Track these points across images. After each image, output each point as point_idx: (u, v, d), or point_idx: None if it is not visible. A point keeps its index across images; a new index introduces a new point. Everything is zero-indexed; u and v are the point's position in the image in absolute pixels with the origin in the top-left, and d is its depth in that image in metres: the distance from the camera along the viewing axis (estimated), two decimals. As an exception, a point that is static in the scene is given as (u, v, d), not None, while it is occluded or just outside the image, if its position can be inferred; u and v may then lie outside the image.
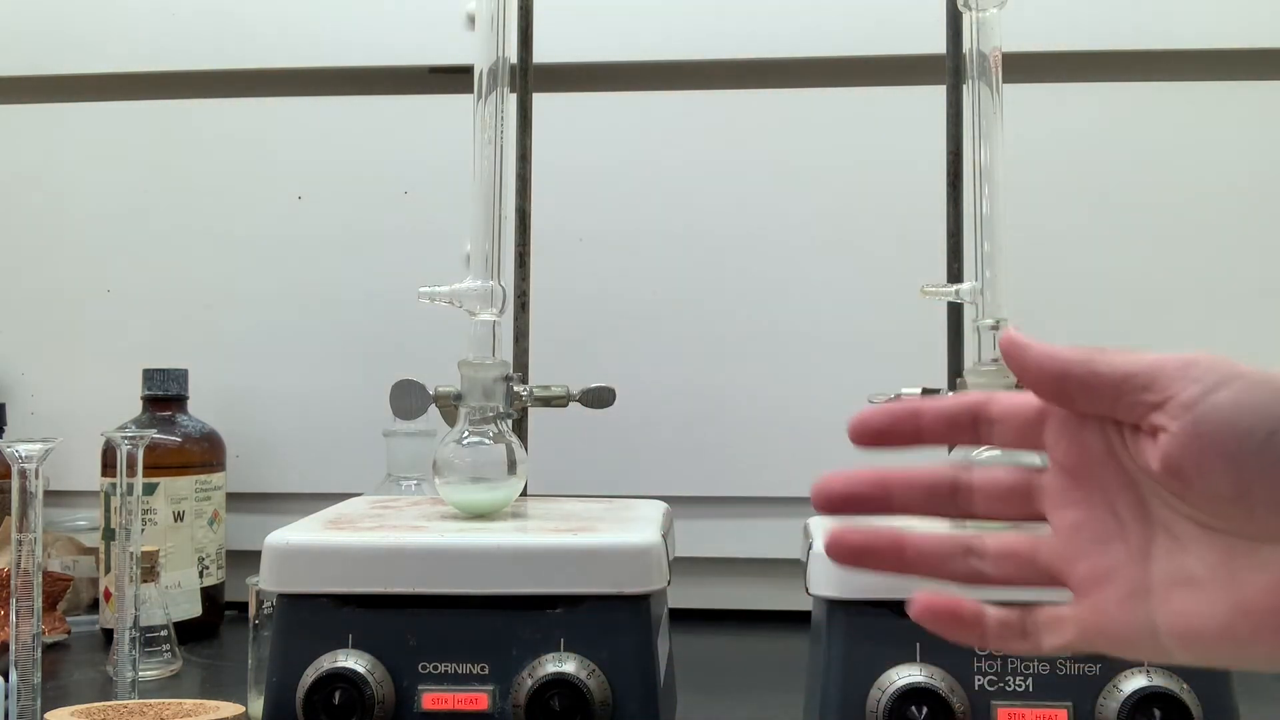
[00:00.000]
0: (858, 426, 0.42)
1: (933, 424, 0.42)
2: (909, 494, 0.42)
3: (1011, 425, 0.41)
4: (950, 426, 0.42)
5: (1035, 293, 0.94)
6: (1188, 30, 0.98)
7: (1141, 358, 0.38)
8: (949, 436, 0.42)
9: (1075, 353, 0.39)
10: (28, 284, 1.07)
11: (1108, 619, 0.38)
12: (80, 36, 1.07)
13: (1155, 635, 0.37)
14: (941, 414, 0.42)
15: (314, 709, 0.53)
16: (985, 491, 0.42)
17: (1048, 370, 0.39)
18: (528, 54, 0.75)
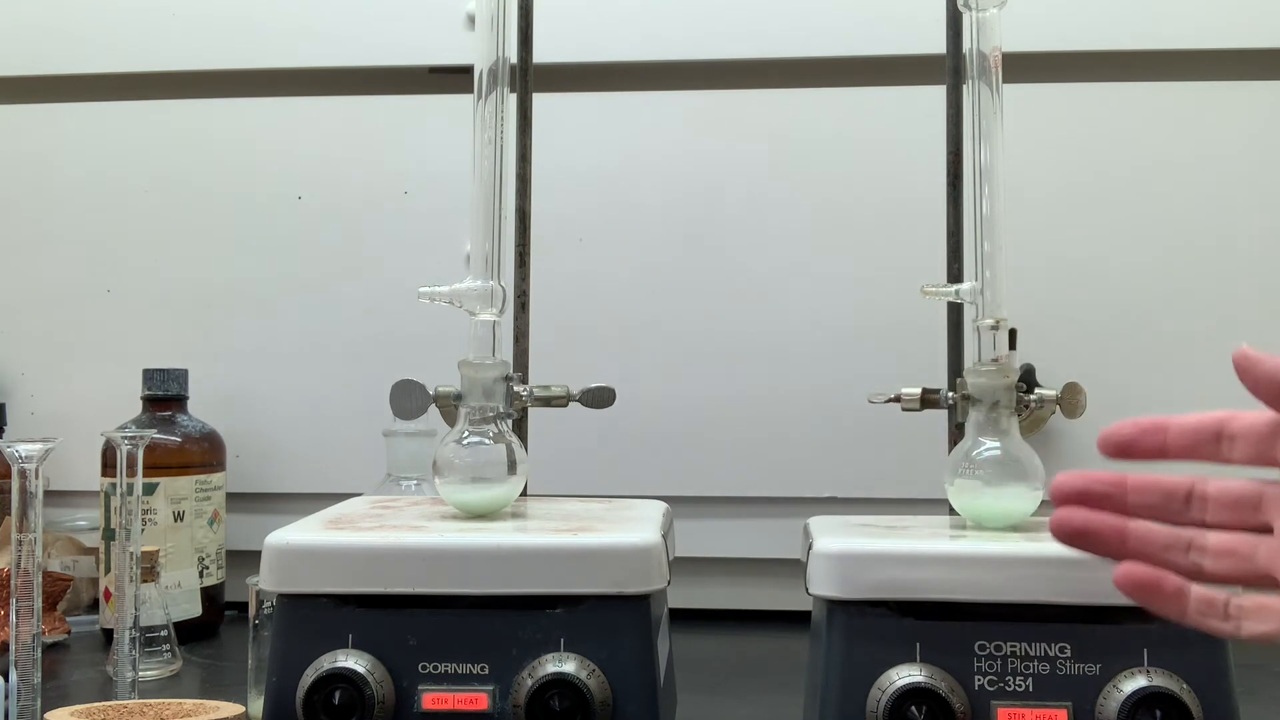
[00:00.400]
0: (1107, 439, 0.44)
1: (1178, 438, 0.44)
2: (1145, 496, 0.44)
3: (1250, 440, 0.43)
4: (1195, 441, 0.44)
5: (1035, 293, 0.94)
6: (1188, 30, 0.98)
7: None
8: (1192, 451, 0.44)
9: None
10: (28, 284, 1.07)
11: None
12: (80, 36, 1.07)
13: None
14: (1187, 428, 0.44)
15: (314, 709, 0.53)
16: (1218, 500, 0.44)
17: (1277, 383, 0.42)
18: (528, 54, 0.75)
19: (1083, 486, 0.44)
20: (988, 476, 0.60)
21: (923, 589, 0.53)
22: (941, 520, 0.65)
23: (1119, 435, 0.44)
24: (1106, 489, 0.44)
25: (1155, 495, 0.44)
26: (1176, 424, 0.44)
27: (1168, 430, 0.44)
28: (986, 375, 0.62)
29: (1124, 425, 0.44)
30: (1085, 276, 0.98)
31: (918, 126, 0.82)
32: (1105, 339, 0.97)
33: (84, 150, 1.07)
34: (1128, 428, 0.44)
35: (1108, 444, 0.44)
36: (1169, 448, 0.44)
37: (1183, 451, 0.44)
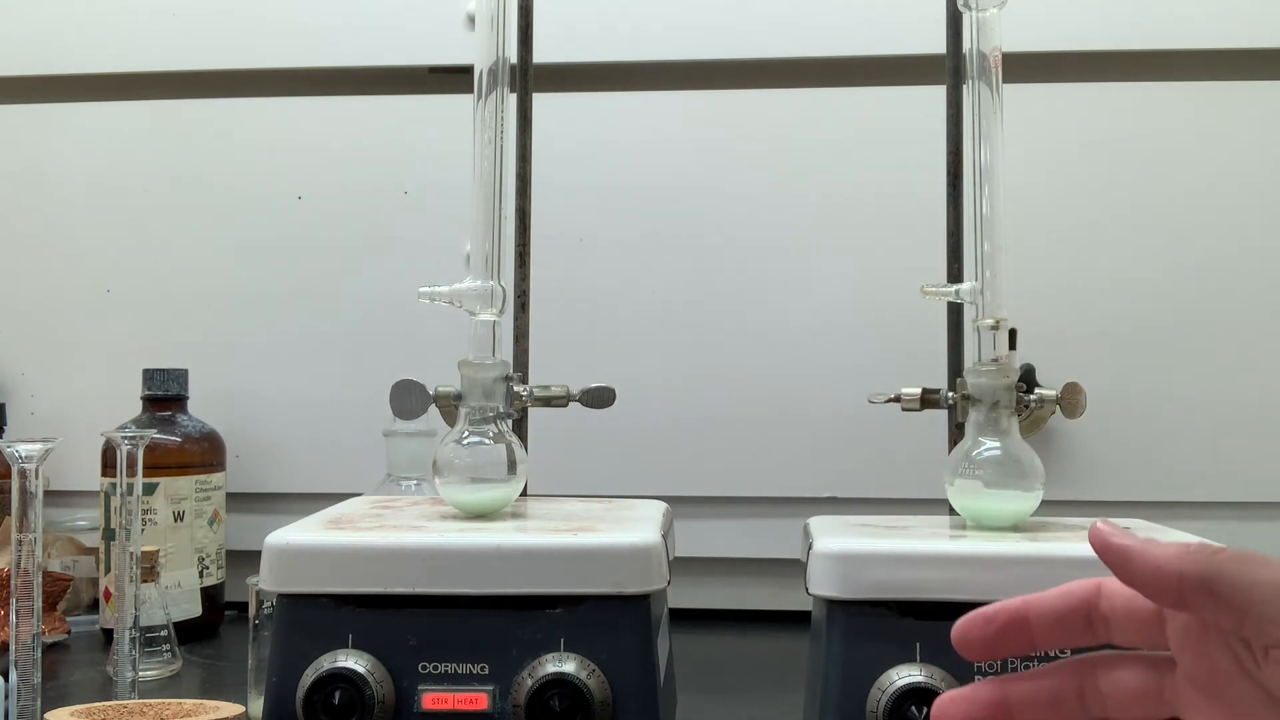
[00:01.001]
0: (961, 641, 0.39)
1: (1043, 629, 0.39)
2: (1033, 704, 0.39)
3: (1128, 626, 0.38)
4: (1064, 629, 0.39)
5: (1035, 293, 0.94)
6: (1189, 30, 0.98)
7: (1264, 580, 0.33)
8: (1064, 640, 0.39)
9: (1190, 566, 0.34)
10: (28, 284, 1.07)
11: None
12: (80, 36, 1.07)
13: None
14: (1050, 616, 0.39)
15: (314, 709, 0.53)
16: (1115, 699, 0.39)
17: (1162, 587, 0.35)
18: (528, 54, 0.75)
19: (964, 715, 0.39)
20: (988, 476, 0.60)
21: (923, 589, 0.53)
22: (941, 520, 0.65)
23: (975, 638, 0.39)
24: (989, 711, 0.39)
25: (1043, 702, 0.39)
26: (1039, 611, 0.39)
27: (1029, 622, 0.39)
28: (986, 375, 0.62)
29: (977, 624, 0.39)
30: (1085, 276, 0.98)
31: (918, 126, 0.82)
32: (1105, 339, 0.97)
33: (84, 150, 1.07)
34: (982, 627, 0.39)
35: (965, 648, 0.39)
36: (1036, 640, 0.39)
37: (1053, 640, 0.39)
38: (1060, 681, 0.39)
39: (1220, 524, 0.95)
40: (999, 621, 0.39)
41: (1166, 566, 0.35)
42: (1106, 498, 0.95)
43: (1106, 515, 0.63)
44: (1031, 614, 0.39)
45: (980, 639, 0.39)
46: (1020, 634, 0.39)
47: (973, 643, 0.39)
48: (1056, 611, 0.39)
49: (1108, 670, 0.39)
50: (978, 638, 0.39)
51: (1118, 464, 0.96)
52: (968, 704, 0.39)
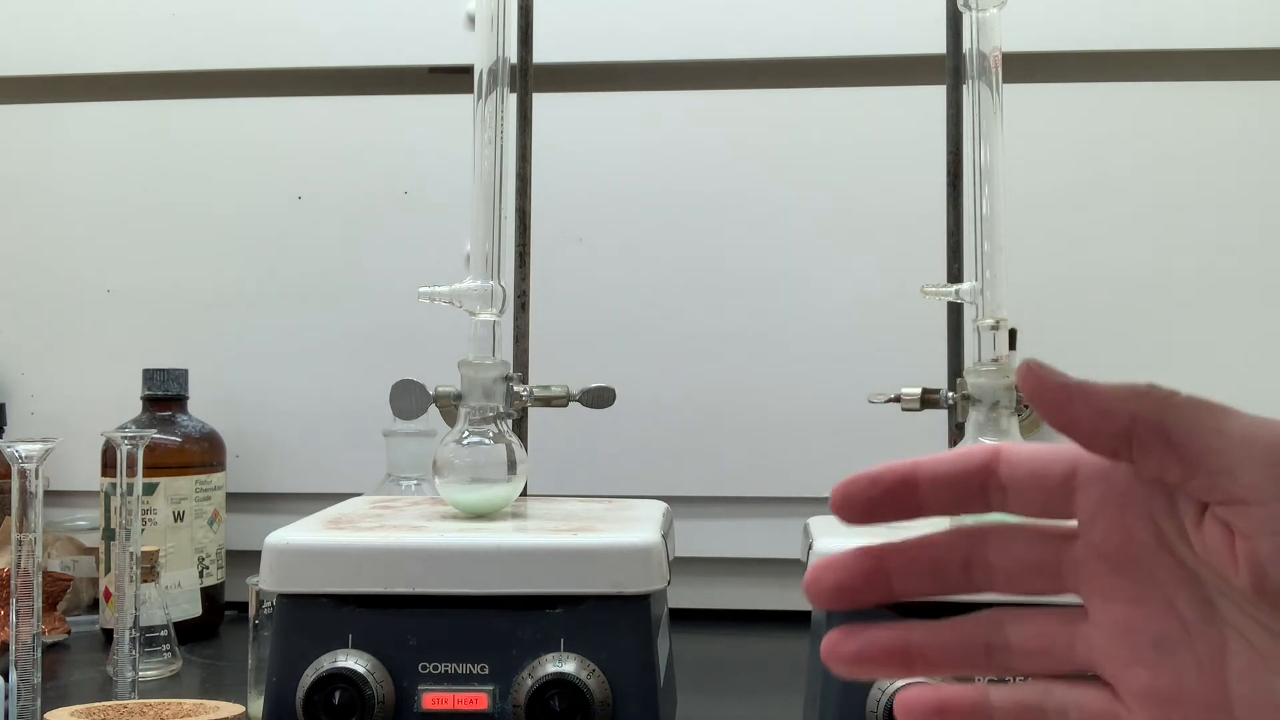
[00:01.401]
0: (842, 502, 0.35)
1: (933, 493, 0.35)
2: (911, 573, 0.35)
3: (1030, 495, 0.34)
4: (955, 495, 0.35)
5: (1036, 293, 0.94)
6: (1189, 30, 0.98)
7: (1226, 429, 0.30)
8: (955, 506, 0.35)
9: (1146, 407, 0.31)
10: (28, 284, 1.07)
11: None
12: (80, 36, 1.07)
13: None
14: (941, 479, 0.35)
15: (314, 709, 0.53)
16: (1005, 571, 0.35)
17: (1106, 430, 0.32)
18: (528, 54, 0.75)
19: (838, 582, 0.35)
20: (988, 476, 0.59)
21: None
22: (941, 520, 0.65)
23: (856, 497, 0.34)
24: (866, 579, 0.35)
25: (923, 569, 0.36)
26: (927, 474, 0.35)
27: (917, 484, 0.35)
28: (986, 375, 0.62)
29: (859, 484, 0.34)
30: (1085, 276, 0.98)
31: (918, 126, 0.82)
32: (1105, 338, 0.97)
33: (84, 150, 1.07)
34: (863, 487, 0.34)
35: (843, 507, 0.35)
36: (925, 504, 0.35)
37: (944, 507, 0.35)
38: (945, 551, 0.36)
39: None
40: (885, 483, 0.34)
41: (1116, 407, 0.31)
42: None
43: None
44: (921, 476, 0.35)
45: (863, 500, 0.34)
46: (907, 497, 0.35)
47: (855, 504, 0.34)
48: (949, 475, 0.35)
49: (1000, 540, 0.35)
50: (861, 499, 0.34)
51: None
52: (844, 567, 0.35)
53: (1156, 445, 0.31)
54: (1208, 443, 0.30)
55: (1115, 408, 0.31)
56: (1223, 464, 0.30)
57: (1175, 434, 0.31)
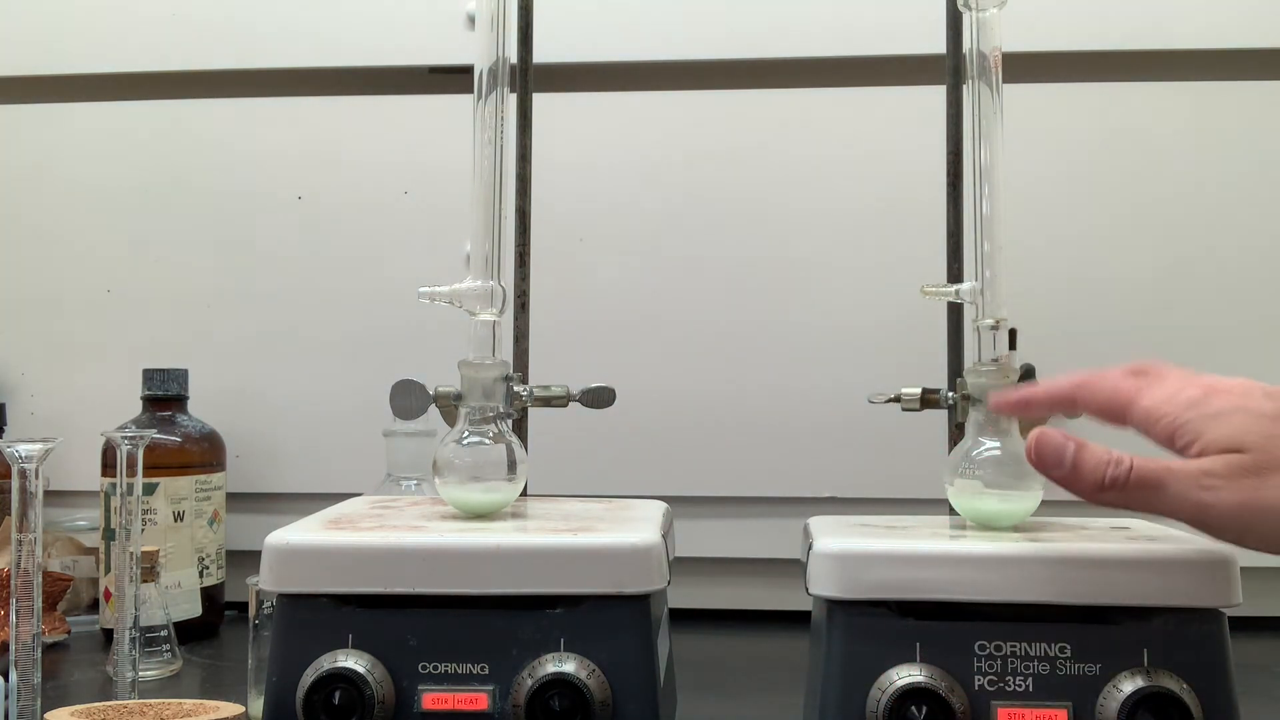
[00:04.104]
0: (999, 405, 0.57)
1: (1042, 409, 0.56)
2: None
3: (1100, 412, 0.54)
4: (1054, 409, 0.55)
5: (1035, 293, 0.94)
6: (1188, 30, 0.98)
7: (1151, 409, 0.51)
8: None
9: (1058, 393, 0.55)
10: (28, 284, 1.07)
11: None
12: (80, 36, 1.07)
13: None
14: (1044, 404, 0.56)
15: (314, 709, 0.53)
16: None
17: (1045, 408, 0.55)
18: (528, 54, 0.75)
19: None
20: (988, 476, 0.59)
21: (923, 589, 0.53)
22: (941, 520, 0.65)
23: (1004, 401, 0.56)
24: None
25: None
26: (1040, 398, 0.55)
27: (1031, 404, 0.55)
28: (987, 375, 0.62)
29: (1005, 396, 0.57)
30: (1085, 276, 0.98)
31: (918, 126, 0.82)
32: (1105, 338, 0.97)
33: (84, 150, 1.07)
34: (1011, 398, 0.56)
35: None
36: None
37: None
38: None
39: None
40: (1012, 399, 0.57)
41: (1043, 399, 0.57)
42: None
43: (1106, 515, 0.63)
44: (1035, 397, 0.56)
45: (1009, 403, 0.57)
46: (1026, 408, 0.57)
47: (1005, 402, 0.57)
48: (1046, 399, 0.56)
49: None
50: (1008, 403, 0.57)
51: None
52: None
53: None
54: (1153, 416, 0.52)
55: (1043, 400, 0.56)
56: (1163, 430, 0.51)
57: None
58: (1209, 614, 0.52)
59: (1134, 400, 0.52)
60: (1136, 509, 0.50)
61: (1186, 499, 0.48)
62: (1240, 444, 0.48)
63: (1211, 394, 0.50)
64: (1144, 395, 0.52)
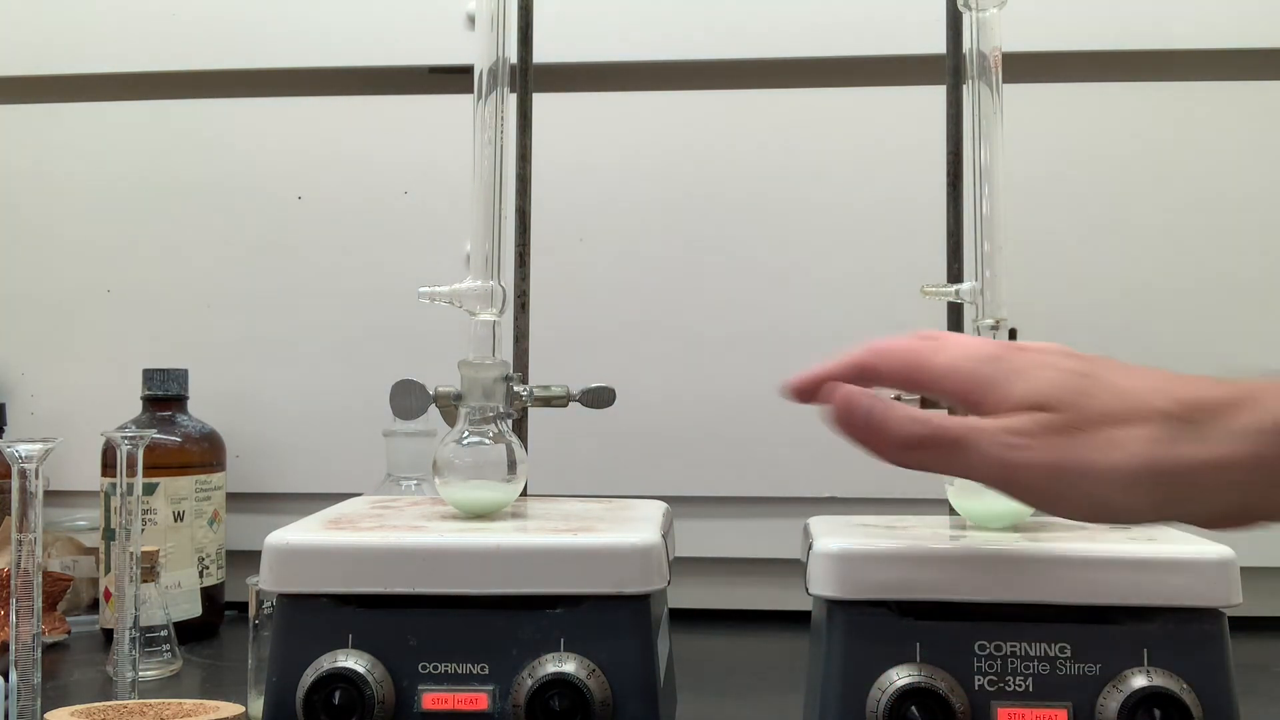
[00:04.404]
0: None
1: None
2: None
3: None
4: None
5: (1035, 293, 0.94)
6: (1188, 30, 0.98)
7: None
8: None
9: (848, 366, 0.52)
10: (27, 284, 1.07)
11: None
12: (80, 36, 1.07)
13: None
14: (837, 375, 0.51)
15: (314, 709, 0.53)
16: None
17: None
18: (528, 54, 0.75)
19: None
20: (988, 477, 0.59)
21: (923, 589, 0.53)
22: (941, 520, 0.65)
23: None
24: None
25: None
26: (835, 370, 0.51)
27: (828, 377, 0.50)
28: (986, 375, 0.62)
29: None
30: (1085, 276, 0.98)
31: (918, 126, 0.82)
32: (1105, 338, 0.97)
33: (84, 150, 1.07)
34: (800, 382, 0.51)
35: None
36: None
37: None
38: None
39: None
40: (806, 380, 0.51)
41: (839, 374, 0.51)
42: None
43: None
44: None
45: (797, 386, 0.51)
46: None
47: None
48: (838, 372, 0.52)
49: None
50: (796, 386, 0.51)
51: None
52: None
53: None
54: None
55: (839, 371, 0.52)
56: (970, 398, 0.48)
57: None
58: (1209, 614, 0.52)
59: (929, 359, 0.49)
60: (941, 471, 0.47)
61: (992, 458, 0.44)
62: (1048, 401, 0.44)
63: (1012, 351, 0.47)
64: (940, 352, 0.48)
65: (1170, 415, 0.42)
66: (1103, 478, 0.42)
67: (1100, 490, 0.43)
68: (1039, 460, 0.43)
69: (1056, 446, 0.43)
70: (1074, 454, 0.43)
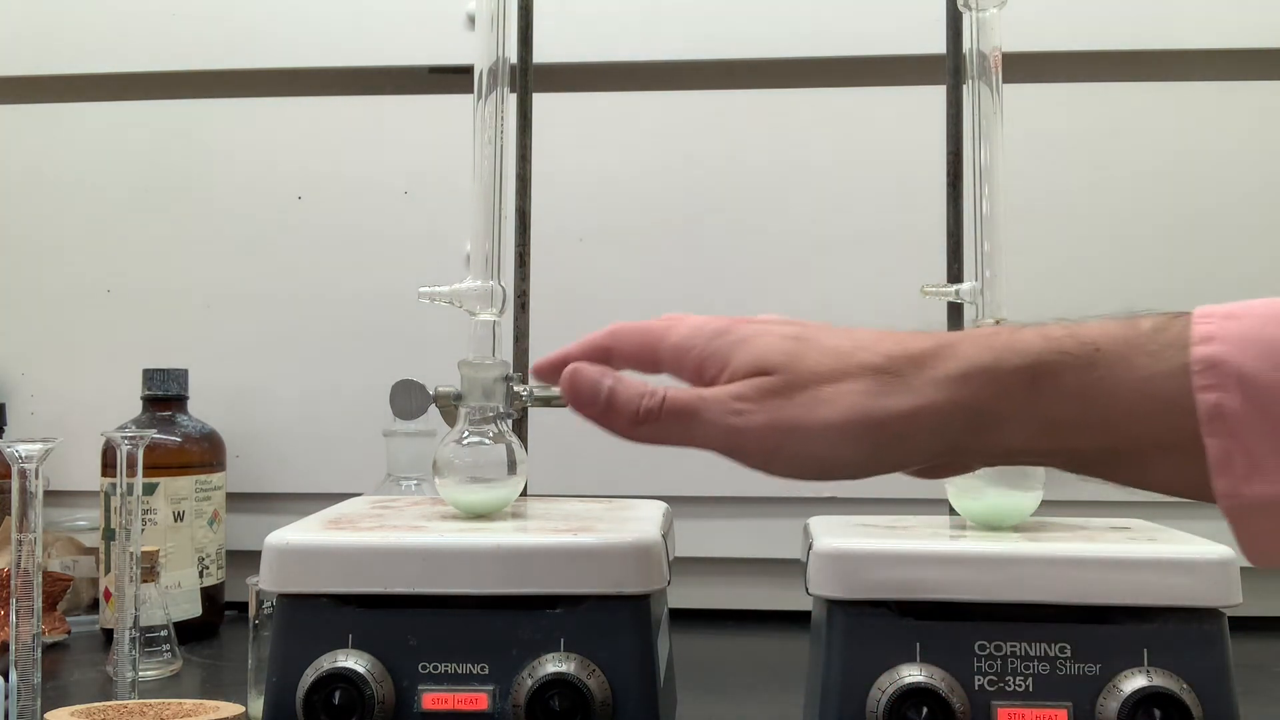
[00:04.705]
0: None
1: None
2: None
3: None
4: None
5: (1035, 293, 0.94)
6: (1189, 30, 0.98)
7: None
8: None
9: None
10: (28, 284, 1.07)
11: None
12: (80, 36, 1.07)
13: None
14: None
15: (314, 709, 0.53)
16: None
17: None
18: (528, 54, 0.75)
19: None
20: (988, 476, 0.59)
21: (923, 589, 0.53)
22: (941, 520, 0.65)
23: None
24: None
25: None
26: (576, 351, 0.54)
27: (569, 358, 0.53)
28: (986, 375, 0.62)
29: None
30: (1085, 276, 0.98)
31: (918, 126, 0.82)
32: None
33: (84, 150, 1.07)
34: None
35: None
36: None
37: None
38: None
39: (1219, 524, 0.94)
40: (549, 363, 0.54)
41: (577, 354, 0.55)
42: (1106, 498, 0.94)
43: (1106, 515, 0.63)
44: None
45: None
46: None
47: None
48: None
49: None
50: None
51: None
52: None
53: None
54: None
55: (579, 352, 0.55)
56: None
57: None
58: (1209, 614, 0.52)
59: (663, 337, 0.51)
60: (673, 443, 0.49)
61: (718, 425, 0.48)
62: (766, 365, 0.46)
63: (735, 324, 0.49)
64: (672, 332, 0.51)
65: (877, 369, 0.45)
66: (814, 433, 0.45)
67: (813, 446, 0.45)
68: (758, 423, 0.46)
69: (774, 408, 0.46)
70: (788, 413, 0.45)
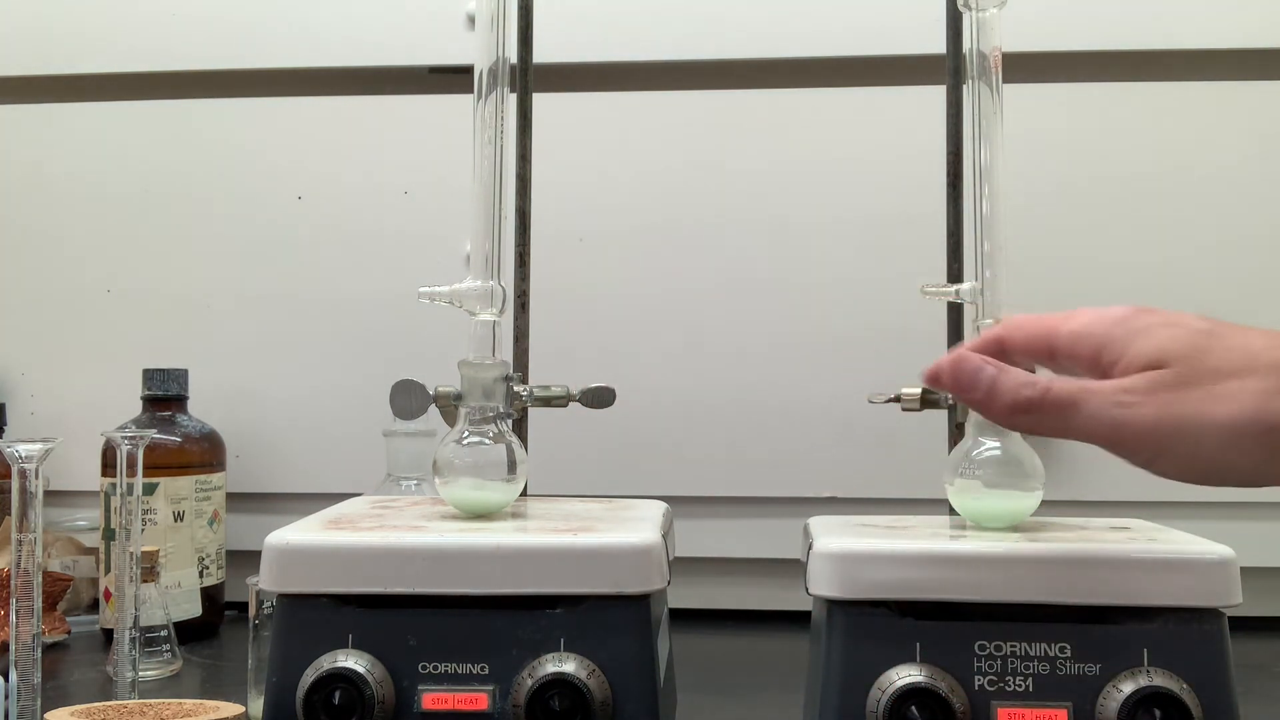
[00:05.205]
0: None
1: None
2: None
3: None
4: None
5: (1035, 293, 0.94)
6: (1189, 30, 0.98)
7: None
8: None
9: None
10: (28, 284, 1.07)
11: None
12: (80, 36, 1.07)
13: None
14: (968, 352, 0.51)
15: (314, 709, 0.53)
16: None
17: None
18: (528, 54, 0.75)
19: None
20: (988, 476, 0.59)
21: (923, 589, 0.53)
22: (941, 520, 0.65)
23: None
24: None
25: None
26: (970, 348, 0.51)
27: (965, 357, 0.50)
28: (986, 375, 0.62)
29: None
30: (1085, 276, 0.98)
31: (918, 126, 0.82)
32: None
33: (84, 150, 1.07)
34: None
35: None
36: None
37: None
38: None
39: (1220, 524, 0.94)
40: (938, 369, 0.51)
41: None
42: (1106, 498, 0.95)
43: (1106, 515, 0.63)
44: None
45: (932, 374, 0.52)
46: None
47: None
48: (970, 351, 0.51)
49: None
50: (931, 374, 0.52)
51: (1118, 463, 0.96)
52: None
53: None
54: None
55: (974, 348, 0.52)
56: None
57: None
58: (1209, 614, 0.52)
59: (1061, 324, 0.49)
60: (1052, 433, 0.47)
61: (1102, 418, 0.44)
62: (1164, 358, 0.44)
63: (1141, 312, 0.47)
64: (1072, 319, 0.49)
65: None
66: (1205, 432, 0.42)
67: (1201, 447, 0.42)
68: (1145, 416, 0.43)
69: (1163, 402, 0.43)
70: (1178, 409, 0.43)
